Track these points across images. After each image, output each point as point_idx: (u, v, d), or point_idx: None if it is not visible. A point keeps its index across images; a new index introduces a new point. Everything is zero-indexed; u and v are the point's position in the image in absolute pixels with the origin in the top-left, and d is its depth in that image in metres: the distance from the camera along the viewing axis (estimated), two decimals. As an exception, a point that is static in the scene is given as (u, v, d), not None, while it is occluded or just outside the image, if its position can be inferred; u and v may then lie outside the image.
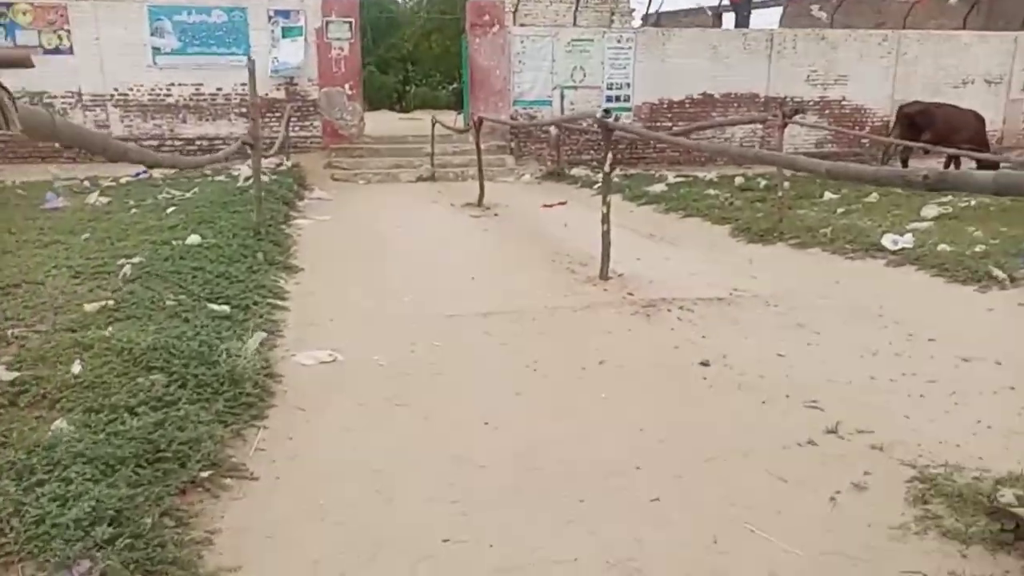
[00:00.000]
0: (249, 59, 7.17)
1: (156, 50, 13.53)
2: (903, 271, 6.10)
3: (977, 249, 6.25)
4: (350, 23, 14.14)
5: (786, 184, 8.44)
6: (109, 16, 13.23)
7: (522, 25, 15.74)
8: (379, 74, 41.44)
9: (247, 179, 11.01)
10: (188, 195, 9.85)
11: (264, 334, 4.15)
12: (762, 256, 7.07)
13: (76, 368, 3.36)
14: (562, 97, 14.77)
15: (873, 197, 10.08)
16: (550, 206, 10.66)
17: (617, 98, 15.73)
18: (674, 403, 3.67)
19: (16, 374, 3.29)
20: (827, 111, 16.75)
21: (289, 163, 13.25)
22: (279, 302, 5.25)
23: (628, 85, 15.72)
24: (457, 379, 3.99)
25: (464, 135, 14.28)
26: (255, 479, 2.81)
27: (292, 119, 14.22)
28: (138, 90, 13.70)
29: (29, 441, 2.65)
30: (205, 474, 2.69)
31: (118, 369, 3.33)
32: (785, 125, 7.61)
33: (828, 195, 10.52)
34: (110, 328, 3.93)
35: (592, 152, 14.54)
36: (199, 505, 2.54)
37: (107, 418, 2.83)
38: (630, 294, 5.65)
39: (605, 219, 6.00)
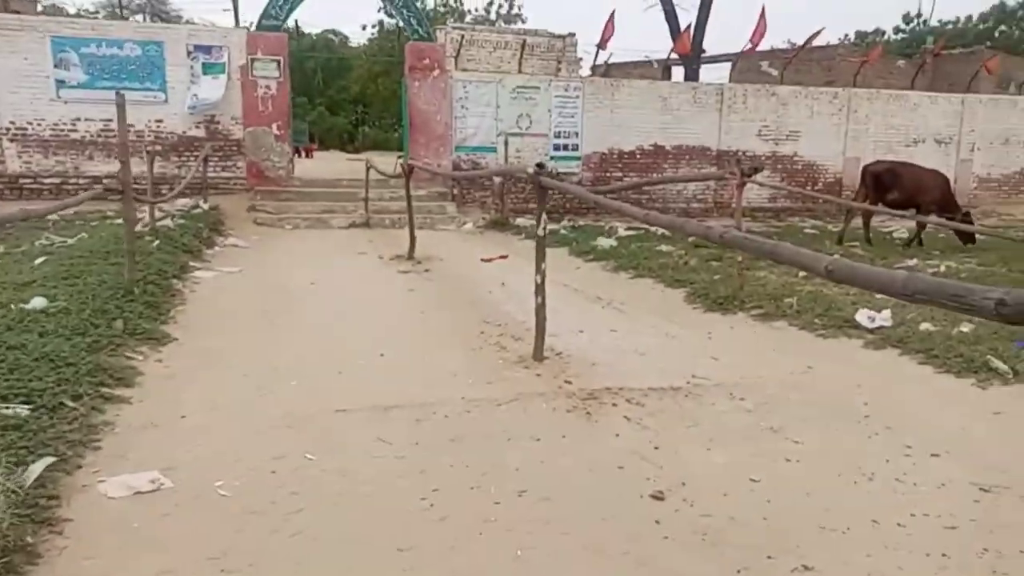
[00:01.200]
0: (118, 93, 6.09)
1: (60, 83, 12.35)
2: (885, 356, 5.24)
3: (965, 329, 5.47)
4: (278, 61, 13.19)
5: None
6: (7, 46, 12.02)
7: (464, 70, 14.98)
8: (329, 115, 40.75)
9: (157, 219, 9.83)
10: (71, 241, 8.62)
11: (51, 458, 2.98)
12: (722, 330, 6.17)
13: None
14: (506, 144, 13.99)
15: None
16: (489, 260, 9.72)
17: (565, 146, 15.07)
18: (615, 568, 2.64)
19: None
20: (779, 166, 16.35)
21: (206, 205, 12.11)
22: (117, 392, 4.08)
23: (576, 134, 15.07)
24: (320, 523, 2.89)
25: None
26: None
27: (214, 159, 13.12)
28: (39, 124, 12.45)
29: None
30: None
31: None
32: (743, 184, 6.82)
33: (786, 256, 9.81)
34: None
35: (538, 203, 13.76)
36: None
37: None
38: (568, 382, 4.65)
39: (539, 290, 5.02)
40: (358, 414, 4.04)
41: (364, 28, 36.37)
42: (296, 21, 15.40)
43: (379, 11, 31.39)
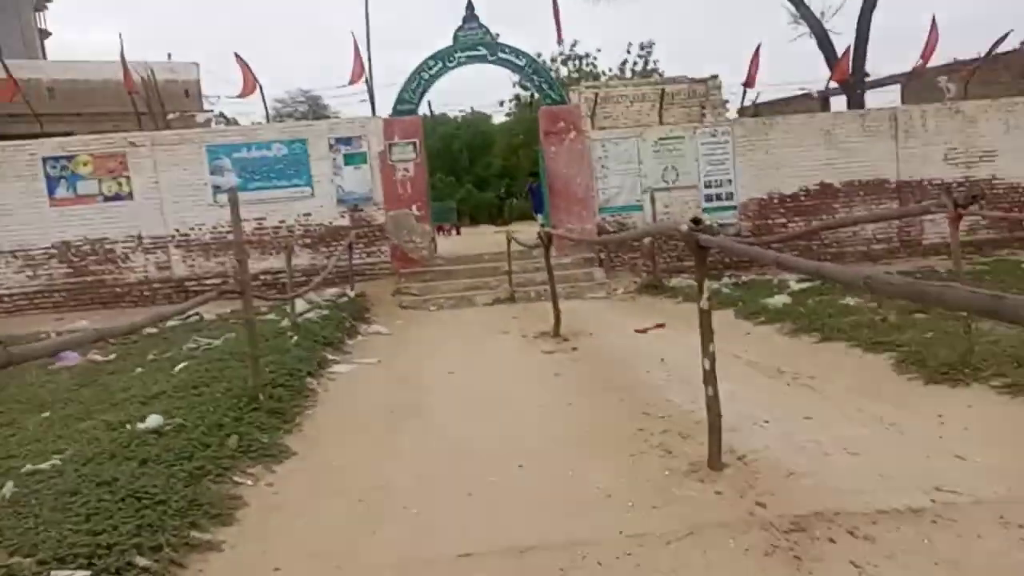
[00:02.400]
0: (231, 191, 5.84)
1: (216, 188, 12.89)
2: None
3: None
4: (414, 143, 13.14)
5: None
6: (168, 159, 12.78)
7: (601, 128, 14.28)
8: (477, 192, 41.57)
9: (300, 314, 9.73)
10: (216, 343, 8.54)
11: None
12: (957, 411, 4.74)
13: None
14: (653, 201, 13.00)
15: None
16: (644, 331, 8.68)
17: (718, 196, 13.84)
18: None
19: None
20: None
21: (352, 293, 12.04)
22: (208, 535, 3.45)
23: (729, 181, 13.82)
24: None
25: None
26: None
27: (358, 246, 13.14)
28: (199, 229, 13.05)
29: None
30: None
31: None
32: (959, 217, 5.41)
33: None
34: None
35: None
36: None
37: None
38: (760, 503, 3.51)
39: (709, 378, 3.94)
40: (485, 561, 3.15)
41: (501, 104, 36.89)
42: (429, 102, 15.43)
43: (514, 85, 31.75)
